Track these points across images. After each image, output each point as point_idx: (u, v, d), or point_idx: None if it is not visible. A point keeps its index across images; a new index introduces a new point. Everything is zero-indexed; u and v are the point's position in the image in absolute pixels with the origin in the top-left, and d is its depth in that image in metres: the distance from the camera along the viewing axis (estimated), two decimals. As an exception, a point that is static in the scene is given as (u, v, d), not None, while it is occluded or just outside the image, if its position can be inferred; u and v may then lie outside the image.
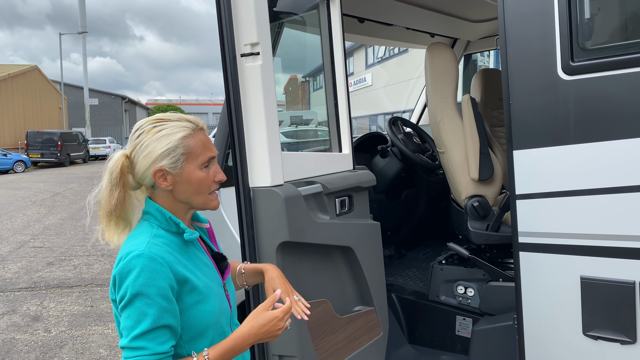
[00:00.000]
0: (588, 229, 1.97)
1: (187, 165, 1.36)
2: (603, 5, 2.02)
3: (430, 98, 2.94)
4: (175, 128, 1.36)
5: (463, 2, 3.65)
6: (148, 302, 1.23)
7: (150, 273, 1.24)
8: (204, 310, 1.35)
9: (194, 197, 1.39)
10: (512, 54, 2.05)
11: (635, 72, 1.83)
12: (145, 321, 1.23)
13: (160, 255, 1.28)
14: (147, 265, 1.25)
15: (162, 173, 1.35)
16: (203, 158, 1.39)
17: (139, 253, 1.26)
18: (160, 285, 1.25)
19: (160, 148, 1.33)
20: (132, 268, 1.24)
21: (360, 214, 2.44)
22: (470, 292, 2.83)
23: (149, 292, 1.23)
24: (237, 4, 1.98)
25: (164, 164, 1.34)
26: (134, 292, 1.23)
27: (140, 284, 1.23)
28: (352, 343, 2.29)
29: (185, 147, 1.36)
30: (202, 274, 1.39)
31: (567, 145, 1.98)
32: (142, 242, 1.30)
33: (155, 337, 1.24)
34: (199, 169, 1.38)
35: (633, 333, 1.91)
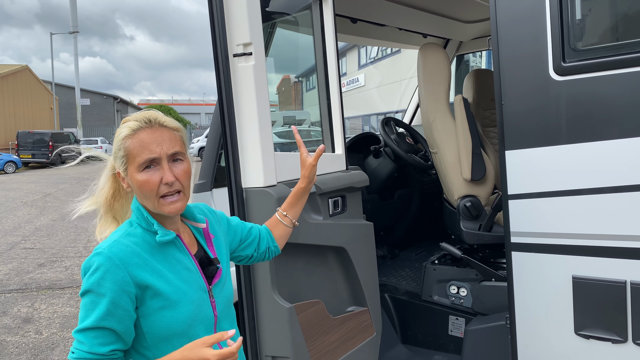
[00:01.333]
0: (580, 229, 1.98)
1: (129, 168, 1.31)
2: (594, 6, 2.03)
3: (422, 98, 2.94)
4: (122, 128, 1.31)
5: (455, 3, 3.66)
6: (94, 301, 1.22)
7: (103, 274, 1.22)
8: (170, 317, 1.30)
9: (143, 201, 1.32)
10: (504, 55, 2.06)
11: (626, 73, 1.84)
12: (88, 319, 1.22)
13: (119, 257, 1.24)
14: (102, 265, 1.22)
15: (120, 176, 1.34)
16: (139, 160, 1.29)
17: (99, 251, 1.24)
18: (109, 287, 1.22)
19: (113, 150, 1.33)
20: (90, 265, 1.23)
21: (353, 214, 2.44)
22: (463, 292, 2.84)
23: (97, 291, 1.22)
24: (230, 4, 1.98)
25: (117, 166, 1.33)
26: (85, 289, 1.23)
27: (92, 282, 1.22)
28: (346, 343, 2.29)
29: (124, 149, 1.30)
30: (177, 278, 1.33)
31: (559, 146, 1.99)
32: (110, 238, 1.28)
33: (96, 336, 1.22)
34: (138, 172, 1.29)
35: (624, 332, 1.92)
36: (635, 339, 1.90)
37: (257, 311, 2.04)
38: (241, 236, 1.62)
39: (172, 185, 1.30)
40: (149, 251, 1.31)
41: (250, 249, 1.65)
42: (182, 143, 1.36)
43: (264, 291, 2.02)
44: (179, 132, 1.36)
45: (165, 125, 1.34)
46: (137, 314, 1.28)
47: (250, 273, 2.04)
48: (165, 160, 1.30)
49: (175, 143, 1.33)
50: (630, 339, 1.91)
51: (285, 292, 2.06)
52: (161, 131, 1.32)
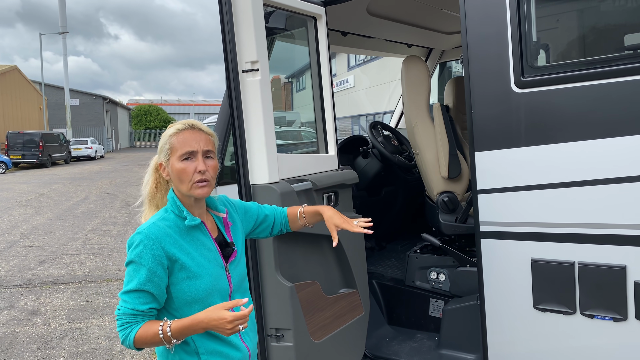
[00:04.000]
0: (536, 218, 2.34)
1: (171, 159, 1.67)
2: (547, 31, 2.39)
3: (406, 105, 3.30)
4: (169, 129, 1.71)
5: (436, 16, 4.02)
6: (136, 269, 1.58)
7: (143, 248, 1.58)
8: (193, 286, 1.64)
9: (179, 185, 1.66)
10: (473, 70, 2.41)
11: (574, 87, 2.19)
12: (131, 284, 1.58)
13: (155, 235, 1.60)
14: (142, 241, 1.59)
15: (162, 166, 1.70)
16: (181, 152, 1.65)
17: (140, 231, 1.61)
18: (149, 259, 1.57)
19: (160, 146, 1.70)
20: (133, 242, 1.60)
21: (344, 208, 2.78)
22: (441, 277, 3.20)
23: (139, 262, 1.58)
24: (239, 26, 2.31)
25: (161, 159, 1.70)
26: (129, 259, 1.59)
27: (135, 254, 1.58)
28: (338, 320, 2.64)
29: (170, 144, 1.67)
30: (200, 255, 1.68)
31: (519, 148, 2.35)
32: (149, 221, 1.65)
33: (137, 297, 1.57)
34: (179, 161, 1.65)
35: (573, 305, 2.27)
36: (582, 311, 2.26)
37: (263, 289, 2.38)
38: (255, 222, 1.96)
39: (203, 173, 1.65)
40: (178, 233, 1.66)
41: (265, 233, 2.01)
42: (213, 145, 1.73)
43: (269, 272, 2.36)
44: (212, 137, 1.74)
45: (203, 130, 1.72)
46: (168, 281, 1.63)
47: (257, 256, 2.37)
48: (201, 155, 1.66)
49: (209, 144, 1.70)
50: (578, 310, 2.27)
51: (286, 273, 2.40)
52: (200, 133, 1.69)
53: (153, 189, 1.74)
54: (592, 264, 2.21)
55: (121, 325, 1.58)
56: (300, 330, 2.40)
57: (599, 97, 2.13)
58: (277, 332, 2.40)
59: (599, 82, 2.13)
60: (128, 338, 1.58)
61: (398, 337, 3.25)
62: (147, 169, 1.74)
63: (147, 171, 1.74)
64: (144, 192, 1.73)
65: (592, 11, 2.36)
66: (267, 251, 2.35)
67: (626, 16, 2.27)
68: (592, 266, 2.21)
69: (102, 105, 48.37)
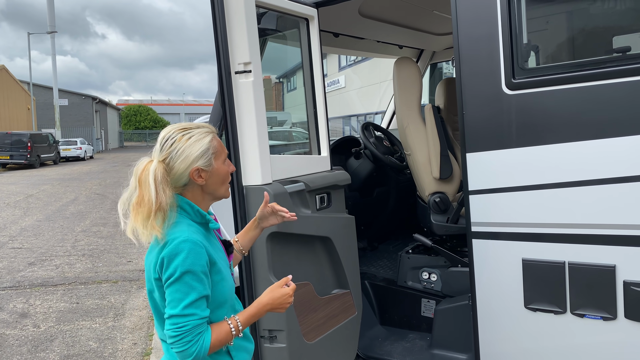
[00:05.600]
0: (527, 219, 2.36)
1: (215, 162, 1.68)
2: (538, 33, 2.41)
3: (397, 106, 3.31)
4: (201, 134, 1.68)
5: (427, 18, 4.04)
6: (195, 278, 1.55)
7: (196, 254, 1.56)
8: (224, 287, 1.68)
9: (220, 187, 1.71)
10: (464, 72, 2.43)
11: (564, 89, 2.22)
12: (193, 293, 1.55)
13: (200, 240, 1.60)
14: (192, 249, 1.56)
15: (198, 171, 1.65)
16: (224, 155, 1.72)
17: (184, 239, 1.57)
18: (202, 264, 1.57)
19: (196, 151, 1.64)
20: (180, 251, 1.55)
21: (337, 208, 2.79)
22: (433, 277, 3.21)
23: (195, 270, 1.55)
24: (232, 27, 2.31)
25: (199, 164, 1.65)
26: (183, 270, 1.54)
27: (189, 263, 1.55)
28: (331, 320, 2.64)
29: (213, 148, 1.68)
30: (220, 258, 1.72)
31: (510, 149, 2.37)
32: (182, 230, 1.61)
33: (200, 305, 1.56)
34: (223, 164, 1.71)
35: (564, 304, 2.30)
36: (572, 310, 2.28)
37: (256, 290, 2.38)
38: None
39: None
40: (205, 237, 1.67)
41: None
42: None
43: (262, 274, 2.36)
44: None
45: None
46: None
47: (250, 257, 2.37)
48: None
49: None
50: (568, 310, 2.30)
51: (279, 274, 2.40)
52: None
53: (170, 196, 1.62)
54: (582, 264, 2.24)
55: (191, 340, 1.54)
56: (293, 331, 2.40)
57: (589, 99, 2.15)
58: (270, 333, 2.40)
59: (589, 84, 2.15)
60: (203, 348, 1.56)
61: (390, 337, 3.26)
62: (147, 181, 1.59)
63: (147, 184, 1.59)
64: (149, 204, 1.58)
65: (581, 13, 2.38)
66: (260, 252, 2.36)
67: (615, 18, 2.30)
68: (582, 266, 2.24)
69: (92, 105, 48.02)
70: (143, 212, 1.57)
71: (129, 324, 5.30)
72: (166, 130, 1.70)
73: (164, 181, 1.60)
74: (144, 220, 1.57)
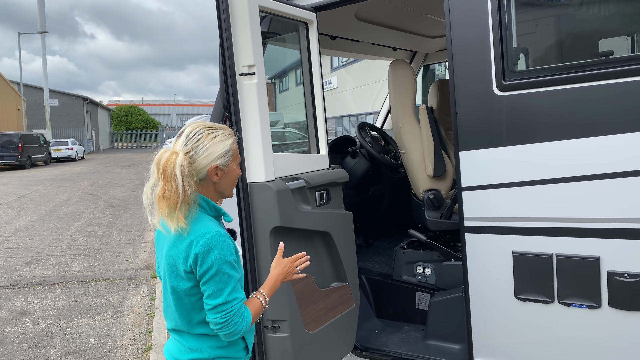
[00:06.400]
0: (517, 213, 2.48)
1: (232, 164, 1.82)
2: (527, 37, 2.55)
3: (393, 107, 3.43)
4: (225, 135, 1.80)
5: (421, 21, 4.17)
6: (230, 267, 1.71)
7: (227, 246, 1.72)
8: (240, 272, 1.81)
9: (229, 187, 1.85)
10: (457, 74, 2.55)
11: (551, 90, 2.35)
12: (233, 280, 1.72)
13: (225, 233, 1.74)
14: (223, 241, 1.71)
15: (216, 169, 1.77)
16: (239, 159, 1.87)
17: (214, 234, 1.70)
18: (232, 253, 1.74)
19: (219, 150, 1.76)
20: (213, 245, 1.69)
21: (335, 205, 2.91)
22: (427, 271, 3.34)
23: (230, 259, 1.71)
24: (237, 31, 2.42)
25: (219, 162, 1.76)
26: (221, 262, 1.69)
27: (224, 255, 1.70)
28: (330, 312, 2.76)
29: (233, 150, 1.81)
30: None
31: (500, 147, 2.49)
32: (208, 225, 1.73)
33: (238, 289, 1.74)
34: (236, 167, 1.85)
35: (552, 294, 2.43)
36: (560, 300, 2.41)
37: (259, 283, 2.49)
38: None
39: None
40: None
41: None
42: None
43: (265, 266, 2.47)
44: None
45: None
46: None
47: (254, 252, 2.48)
48: None
49: None
50: (556, 299, 2.42)
51: (282, 267, 2.51)
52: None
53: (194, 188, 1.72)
54: (569, 256, 2.36)
55: (238, 320, 1.72)
56: (295, 322, 2.52)
57: (575, 99, 2.28)
58: (273, 323, 2.51)
59: (574, 86, 2.28)
60: (246, 324, 1.74)
61: (386, 329, 3.38)
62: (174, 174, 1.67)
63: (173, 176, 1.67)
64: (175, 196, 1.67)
65: (568, 18, 2.51)
66: (264, 247, 2.47)
67: (600, 23, 2.44)
68: (569, 258, 2.36)
69: (82, 105, 47.79)
70: (169, 203, 1.67)
71: (128, 321, 5.39)
72: (192, 126, 1.80)
73: (190, 174, 1.70)
74: (170, 212, 1.68)
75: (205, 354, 1.81)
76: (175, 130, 53.93)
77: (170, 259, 1.77)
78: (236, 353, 1.86)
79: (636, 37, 2.55)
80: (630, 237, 2.24)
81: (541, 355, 2.48)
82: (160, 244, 1.87)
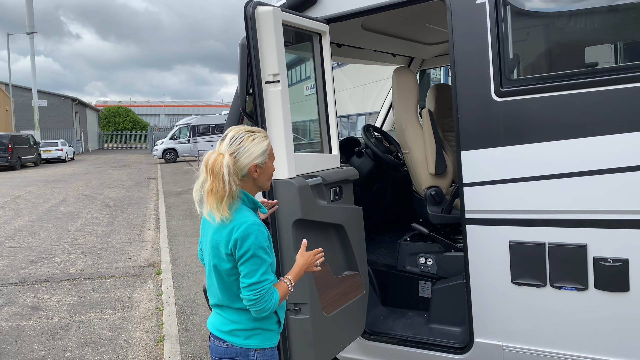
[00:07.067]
0: (513, 206, 2.77)
1: (268, 162, 2.09)
2: (522, 49, 2.84)
3: (397, 110, 3.72)
4: (262, 137, 2.07)
5: (420, 30, 4.46)
6: (264, 252, 1.99)
7: (261, 234, 1.99)
8: (273, 257, 2.09)
9: (267, 182, 2.13)
10: (459, 81, 2.83)
11: (545, 96, 2.63)
12: (266, 263, 1.99)
13: (261, 223, 2.01)
14: (259, 229, 1.99)
15: (256, 167, 2.05)
16: (273, 158, 2.15)
17: (251, 222, 1.98)
18: (266, 239, 2.01)
19: (258, 150, 2.04)
20: (250, 232, 1.96)
21: (347, 200, 3.18)
22: (429, 261, 3.62)
23: (264, 245, 1.99)
24: (263, 44, 2.68)
25: (258, 161, 2.05)
26: (256, 247, 1.96)
27: (259, 241, 1.97)
28: (344, 297, 3.03)
29: (269, 150, 2.09)
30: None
31: (498, 147, 2.78)
32: (247, 215, 2.01)
33: (270, 271, 2.01)
34: (272, 164, 2.13)
35: (544, 278, 2.72)
36: (552, 283, 2.70)
37: (282, 270, 2.76)
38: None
39: None
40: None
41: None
42: None
43: (288, 253, 2.74)
44: None
45: None
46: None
47: (278, 242, 2.75)
48: None
49: None
50: (548, 283, 2.72)
51: (303, 256, 2.77)
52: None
53: (238, 184, 2.00)
54: (560, 244, 2.66)
55: (267, 299, 1.98)
56: (314, 305, 2.78)
57: (565, 104, 2.57)
58: (295, 306, 2.77)
59: (564, 93, 2.58)
60: (275, 303, 2.00)
61: (391, 315, 3.66)
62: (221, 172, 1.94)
63: (221, 174, 1.94)
64: (222, 190, 1.94)
65: (559, 31, 2.80)
66: (287, 236, 2.73)
67: (586, 35, 2.73)
68: (560, 245, 2.65)
69: (71, 106, 47.57)
70: (217, 197, 1.95)
71: (138, 314, 5.62)
72: (235, 130, 2.07)
73: (235, 172, 1.99)
74: (217, 204, 1.96)
75: (244, 325, 2.09)
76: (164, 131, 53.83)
77: (214, 243, 2.04)
78: (270, 325, 2.14)
79: (619, 46, 2.85)
80: (614, 226, 2.54)
81: (535, 333, 2.78)
82: (206, 230, 2.14)
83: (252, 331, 2.10)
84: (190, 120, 31.90)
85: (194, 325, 5.22)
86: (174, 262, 7.63)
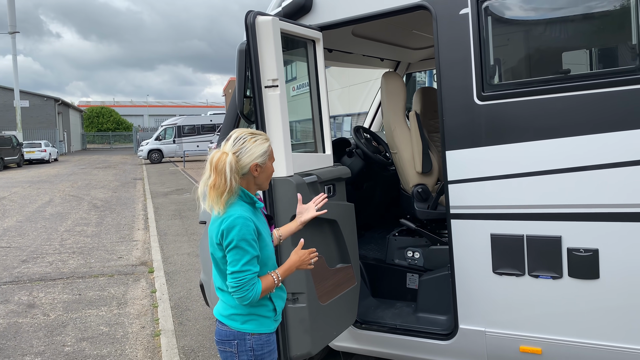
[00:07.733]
0: (494, 202, 3.00)
1: (268, 162, 2.27)
2: (502, 55, 3.07)
3: (385, 113, 3.93)
4: (263, 139, 2.25)
5: (406, 35, 4.68)
6: (247, 244, 2.13)
7: (246, 227, 2.14)
8: (267, 251, 2.27)
9: (265, 181, 2.30)
10: (444, 86, 3.05)
11: (523, 100, 2.86)
12: (247, 255, 2.13)
13: (248, 217, 2.17)
14: (244, 223, 2.14)
15: (256, 166, 2.23)
16: (273, 159, 2.32)
17: (237, 215, 2.14)
18: (251, 233, 2.15)
19: (259, 151, 2.22)
20: (235, 225, 2.13)
21: (340, 197, 3.39)
22: (416, 255, 3.84)
23: (247, 238, 2.13)
24: (263, 51, 2.88)
25: (259, 161, 2.22)
26: (239, 239, 2.12)
27: (243, 233, 2.12)
28: (338, 287, 3.24)
29: (269, 151, 2.27)
30: (265, 229, 2.29)
31: (480, 147, 3.01)
32: (236, 209, 2.17)
33: (252, 263, 2.15)
34: (271, 164, 2.31)
35: (523, 268, 2.95)
36: (529, 272, 2.93)
37: (280, 259, 2.95)
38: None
39: None
40: (253, 214, 2.24)
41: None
42: None
43: (285, 247, 2.93)
44: None
45: None
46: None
47: (277, 236, 2.94)
48: None
49: None
50: (527, 272, 2.95)
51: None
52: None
53: (238, 181, 2.19)
54: (537, 236, 2.89)
55: (248, 288, 2.12)
56: (311, 294, 2.98)
57: (541, 107, 2.81)
58: (293, 295, 2.97)
59: (541, 97, 2.81)
60: (256, 294, 2.14)
61: (381, 306, 3.88)
62: (224, 169, 2.12)
63: (224, 171, 2.12)
64: (222, 187, 2.12)
65: (536, 40, 3.04)
66: (285, 231, 2.93)
67: (561, 42, 2.96)
68: (536, 238, 2.88)
69: (54, 107, 47.09)
70: (217, 192, 2.14)
71: (134, 311, 5.76)
72: (238, 131, 2.26)
73: (236, 170, 2.18)
74: (217, 198, 2.15)
75: (241, 310, 2.26)
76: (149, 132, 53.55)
77: (211, 233, 2.25)
78: (265, 312, 2.31)
79: (594, 51, 3.09)
80: (585, 219, 2.78)
81: (515, 318, 3.01)
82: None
83: (248, 316, 2.26)
84: (175, 121, 31.87)
85: (189, 320, 5.38)
86: (166, 261, 7.77)
